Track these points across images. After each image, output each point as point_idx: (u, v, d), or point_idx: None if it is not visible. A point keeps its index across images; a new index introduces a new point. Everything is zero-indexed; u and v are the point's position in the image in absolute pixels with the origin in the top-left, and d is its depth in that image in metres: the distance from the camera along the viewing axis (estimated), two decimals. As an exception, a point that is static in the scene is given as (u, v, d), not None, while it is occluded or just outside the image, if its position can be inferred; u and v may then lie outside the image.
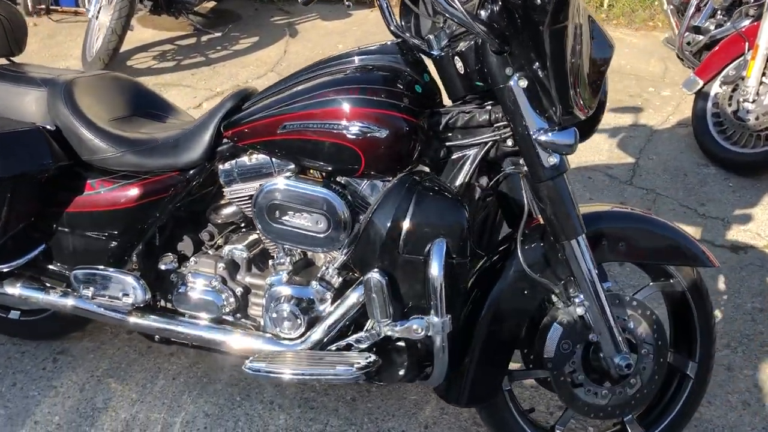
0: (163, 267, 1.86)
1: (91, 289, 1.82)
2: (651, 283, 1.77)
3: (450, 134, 1.60)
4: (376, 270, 1.48)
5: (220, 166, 1.74)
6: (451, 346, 1.51)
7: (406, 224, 1.45)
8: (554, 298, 1.62)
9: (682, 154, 3.54)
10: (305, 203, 1.60)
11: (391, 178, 1.56)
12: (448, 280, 1.46)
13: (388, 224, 1.45)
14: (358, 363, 1.58)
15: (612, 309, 1.60)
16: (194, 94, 4.22)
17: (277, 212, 1.63)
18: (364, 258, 1.50)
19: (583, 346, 1.61)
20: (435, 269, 1.43)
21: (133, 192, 1.76)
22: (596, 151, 3.55)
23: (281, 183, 1.62)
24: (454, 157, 1.62)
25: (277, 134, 1.60)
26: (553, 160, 1.44)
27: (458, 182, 1.60)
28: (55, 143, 1.78)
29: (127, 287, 1.80)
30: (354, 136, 1.52)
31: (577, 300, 1.58)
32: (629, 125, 3.85)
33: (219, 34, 5.20)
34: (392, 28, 1.53)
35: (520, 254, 1.51)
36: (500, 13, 1.36)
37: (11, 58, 2.07)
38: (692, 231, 2.85)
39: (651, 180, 3.28)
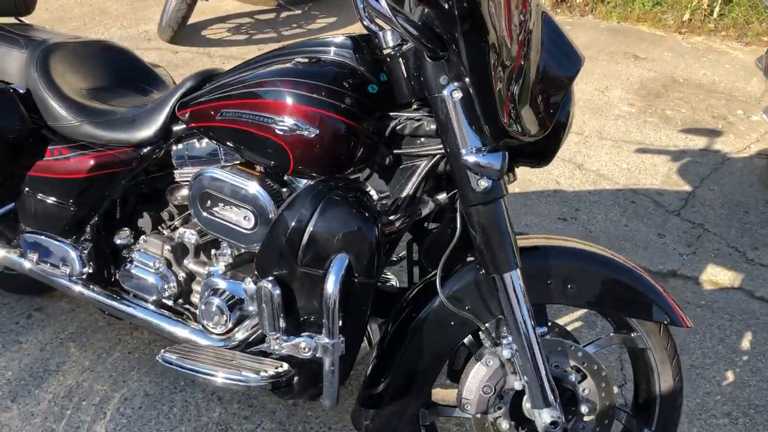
0: (118, 241, 1.84)
1: (36, 254, 1.83)
2: (612, 334, 1.57)
3: (397, 142, 1.46)
4: (270, 279, 1.38)
5: (174, 147, 1.69)
6: (344, 368, 1.40)
7: (307, 233, 1.34)
8: (482, 336, 1.45)
9: (750, 188, 3.17)
10: (235, 196, 1.52)
11: None
12: (347, 300, 1.34)
13: (288, 231, 1.35)
14: (266, 372, 1.49)
15: (551, 357, 1.43)
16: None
17: (208, 201, 1.56)
18: (264, 264, 1.40)
19: (511, 392, 1.45)
20: (331, 286, 1.31)
21: (86, 163, 1.75)
22: (651, 173, 3.25)
23: (216, 172, 1.55)
24: (402, 166, 1.48)
25: (215, 120, 1.52)
26: (484, 183, 1.28)
27: (403, 194, 1.47)
28: (22, 106, 1.79)
29: (67, 257, 1.80)
30: (282, 132, 1.41)
31: (505, 341, 1.41)
32: (699, 149, 3.49)
33: (299, 12, 5.21)
34: (365, 23, 1.41)
35: (438, 284, 1.36)
36: (435, 13, 1.21)
37: (20, 18, 2.12)
38: (730, 276, 2.54)
39: (703, 213, 2.95)
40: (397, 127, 1.43)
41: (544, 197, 3.00)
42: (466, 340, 1.51)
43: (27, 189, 1.87)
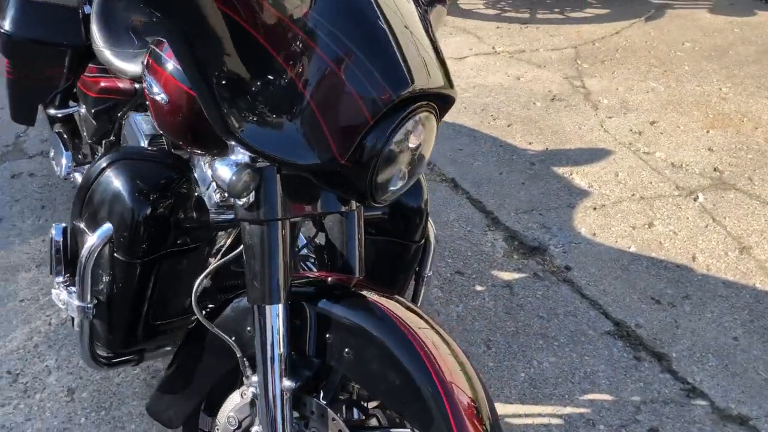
0: None
1: None
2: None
3: None
4: (62, 225, 1.36)
5: None
6: (115, 339, 1.32)
7: (90, 191, 1.29)
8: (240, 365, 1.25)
9: None
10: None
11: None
12: (111, 274, 1.26)
13: (81, 183, 1.31)
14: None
15: (312, 423, 1.18)
16: (475, 45, 4.06)
17: None
18: (71, 208, 1.39)
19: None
20: (85, 251, 1.25)
21: (98, 85, 1.91)
22: None
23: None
24: None
25: None
26: (217, 197, 1.11)
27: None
28: (84, 25, 2.02)
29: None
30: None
31: (254, 379, 1.19)
32: None
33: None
34: None
35: (194, 300, 1.20)
36: None
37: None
38: None
39: None
40: None
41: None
42: None
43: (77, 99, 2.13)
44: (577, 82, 3.58)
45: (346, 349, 1.13)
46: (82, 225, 1.31)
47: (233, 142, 1.04)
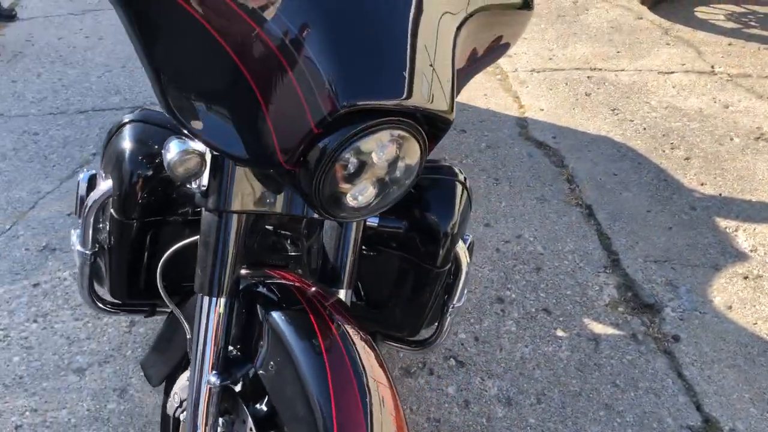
0: None
1: None
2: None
3: None
4: (93, 171, 1.43)
5: None
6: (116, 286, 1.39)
7: (107, 146, 1.34)
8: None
9: None
10: None
11: None
12: (103, 224, 1.33)
13: (106, 136, 1.37)
14: None
15: (236, 422, 1.16)
16: (690, 61, 3.55)
17: None
18: None
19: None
20: (88, 200, 1.31)
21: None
22: None
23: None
24: None
25: None
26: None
27: None
28: None
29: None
30: None
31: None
32: None
33: None
34: None
35: (158, 273, 1.21)
36: None
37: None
38: None
39: None
40: None
41: None
42: None
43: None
44: (800, 124, 2.98)
45: (272, 363, 1.08)
46: (99, 175, 1.39)
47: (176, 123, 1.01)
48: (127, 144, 1.29)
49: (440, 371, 1.84)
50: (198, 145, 1.04)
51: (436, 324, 1.52)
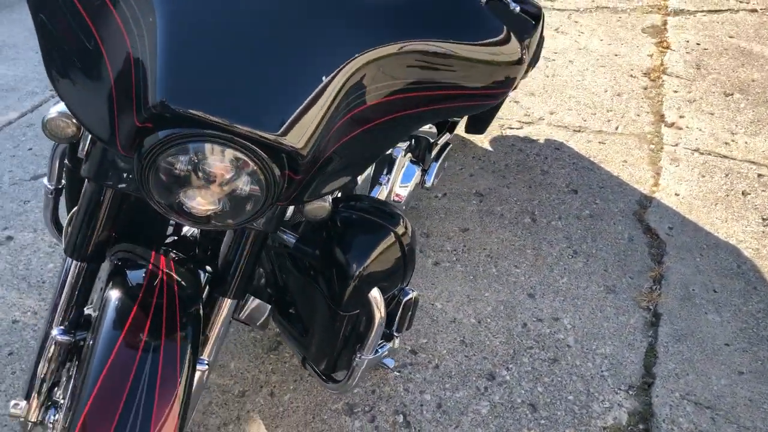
0: None
1: None
2: None
3: None
4: None
5: None
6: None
7: None
8: None
9: None
10: None
11: None
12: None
13: None
14: None
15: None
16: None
17: None
18: None
19: None
20: (54, 144, 1.44)
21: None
22: None
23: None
24: None
25: None
26: None
27: None
28: None
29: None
30: None
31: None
32: None
33: None
34: None
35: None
36: None
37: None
38: None
39: None
40: None
41: None
42: None
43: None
44: None
45: (91, 335, 1.13)
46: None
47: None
48: None
49: (382, 424, 1.73)
50: None
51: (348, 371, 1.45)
